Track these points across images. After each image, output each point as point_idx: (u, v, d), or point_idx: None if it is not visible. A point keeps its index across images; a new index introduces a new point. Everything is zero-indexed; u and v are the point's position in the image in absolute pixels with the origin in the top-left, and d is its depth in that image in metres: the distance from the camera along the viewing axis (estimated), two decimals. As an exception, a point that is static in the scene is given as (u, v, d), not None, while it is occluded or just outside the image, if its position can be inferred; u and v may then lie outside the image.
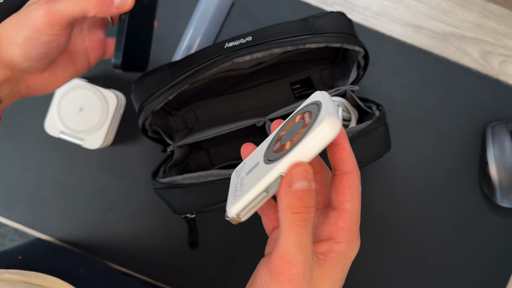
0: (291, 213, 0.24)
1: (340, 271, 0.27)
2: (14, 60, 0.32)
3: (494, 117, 0.51)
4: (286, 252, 0.24)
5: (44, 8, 0.31)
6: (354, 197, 0.27)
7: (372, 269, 0.51)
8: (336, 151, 0.27)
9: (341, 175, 0.27)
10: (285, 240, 0.24)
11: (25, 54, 0.32)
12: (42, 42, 0.32)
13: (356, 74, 0.44)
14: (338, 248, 0.26)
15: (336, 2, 0.51)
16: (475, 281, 0.50)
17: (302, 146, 0.25)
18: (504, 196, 0.48)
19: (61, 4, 0.31)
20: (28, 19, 0.31)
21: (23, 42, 0.31)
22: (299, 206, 0.24)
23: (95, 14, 0.31)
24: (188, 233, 0.45)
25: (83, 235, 0.51)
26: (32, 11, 0.31)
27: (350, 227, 0.27)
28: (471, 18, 0.52)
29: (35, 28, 0.31)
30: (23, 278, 0.35)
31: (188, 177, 0.39)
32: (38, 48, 0.32)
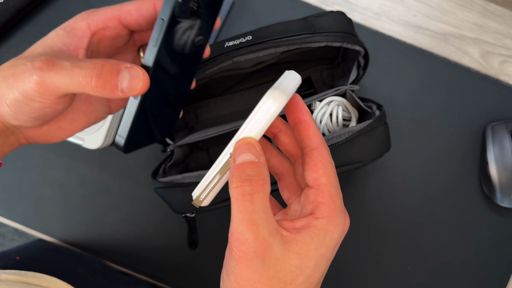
0: (233, 188, 0.24)
1: (315, 248, 0.25)
2: (4, 115, 0.28)
3: (494, 117, 0.51)
4: (234, 230, 0.24)
5: (36, 74, 0.25)
6: (327, 170, 0.26)
7: (372, 269, 0.51)
8: (301, 129, 0.27)
9: (310, 151, 0.26)
10: (232, 217, 0.24)
11: (14, 115, 0.27)
12: (33, 108, 0.27)
13: (356, 74, 0.44)
14: (316, 223, 0.25)
15: (336, 2, 0.51)
16: (475, 281, 0.50)
17: (247, 123, 0.25)
18: (504, 196, 0.48)
19: (55, 76, 0.25)
20: (19, 81, 0.26)
21: (11, 103, 0.27)
22: (240, 180, 0.23)
23: (95, 95, 0.27)
24: (188, 233, 0.45)
25: (83, 235, 0.50)
26: (24, 72, 0.26)
27: (330, 201, 0.26)
28: (471, 18, 0.52)
29: (25, 93, 0.26)
30: (20, 278, 0.35)
31: (188, 176, 0.39)
32: (29, 112, 0.27)
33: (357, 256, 0.51)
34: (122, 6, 0.29)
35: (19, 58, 0.28)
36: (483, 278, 0.50)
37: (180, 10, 0.25)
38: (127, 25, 0.29)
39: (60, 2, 0.51)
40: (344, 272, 0.50)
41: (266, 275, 0.24)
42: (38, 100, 0.26)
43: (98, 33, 0.29)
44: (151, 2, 0.29)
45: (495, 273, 0.50)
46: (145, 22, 0.29)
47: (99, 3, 0.50)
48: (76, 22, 0.29)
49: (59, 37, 0.28)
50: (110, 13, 0.29)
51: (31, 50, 0.28)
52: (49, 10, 0.51)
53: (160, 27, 0.25)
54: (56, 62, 0.26)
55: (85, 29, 0.29)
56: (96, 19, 0.29)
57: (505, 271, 0.50)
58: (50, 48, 0.28)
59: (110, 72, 0.25)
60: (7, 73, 0.27)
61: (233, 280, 0.25)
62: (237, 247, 0.24)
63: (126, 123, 0.28)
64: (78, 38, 0.28)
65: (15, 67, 0.27)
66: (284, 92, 0.25)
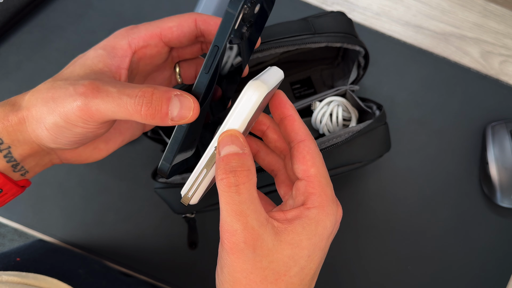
0: (219, 180, 0.24)
1: (307, 238, 0.25)
2: (42, 139, 0.27)
3: (494, 117, 0.51)
4: (223, 222, 0.24)
5: (80, 100, 0.24)
6: (316, 161, 0.26)
7: (372, 269, 0.51)
8: (287, 123, 0.27)
9: (297, 144, 0.26)
10: (220, 210, 0.24)
11: (53, 140, 0.26)
12: (74, 132, 0.26)
13: (356, 74, 0.44)
14: (307, 213, 0.25)
15: (336, 2, 0.51)
16: (475, 281, 0.50)
17: (230, 115, 0.25)
18: (504, 196, 0.48)
19: (101, 103, 0.24)
20: (60, 106, 0.25)
21: (51, 128, 0.26)
22: (225, 172, 0.23)
23: (143, 122, 0.26)
24: (188, 233, 0.45)
25: (83, 235, 0.50)
26: (66, 97, 0.25)
27: (320, 191, 0.25)
28: (471, 18, 0.51)
29: (67, 119, 0.25)
30: (21, 280, 0.35)
31: (188, 176, 0.39)
32: (69, 137, 0.26)
33: (357, 256, 0.51)
34: (163, 22, 0.28)
35: (58, 79, 0.27)
36: (483, 278, 0.50)
37: (234, 36, 0.25)
38: (167, 42, 0.29)
39: (60, 2, 0.51)
40: (344, 272, 0.50)
41: (258, 266, 0.24)
42: (81, 125, 0.25)
43: (139, 52, 0.28)
44: (192, 17, 0.28)
45: (495, 273, 0.50)
46: (186, 39, 0.29)
47: (99, 3, 0.50)
48: (116, 41, 0.28)
49: (99, 57, 0.27)
50: (151, 31, 0.28)
51: (69, 70, 0.27)
52: (49, 10, 0.51)
53: (214, 54, 0.25)
54: (101, 88, 0.24)
55: (126, 48, 0.28)
56: (137, 37, 0.28)
57: (505, 271, 0.50)
58: (91, 69, 0.27)
59: (161, 100, 0.24)
60: (46, 95, 0.26)
61: (227, 273, 0.25)
62: (228, 239, 0.24)
63: (172, 150, 0.27)
64: (119, 58, 0.28)
65: (55, 90, 0.26)
66: (265, 82, 0.25)
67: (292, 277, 0.25)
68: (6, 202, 0.29)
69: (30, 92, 0.27)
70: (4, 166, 0.27)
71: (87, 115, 0.25)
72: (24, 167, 0.28)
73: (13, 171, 0.28)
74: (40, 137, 0.27)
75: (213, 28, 0.28)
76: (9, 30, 0.50)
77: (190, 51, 0.31)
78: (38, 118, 0.26)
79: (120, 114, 0.25)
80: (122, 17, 0.51)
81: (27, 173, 0.29)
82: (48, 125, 0.26)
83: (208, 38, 0.29)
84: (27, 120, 0.26)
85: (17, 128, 0.26)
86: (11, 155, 0.27)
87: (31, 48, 0.50)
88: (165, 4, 0.51)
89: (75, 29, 0.51)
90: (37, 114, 0.26)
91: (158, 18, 0.51)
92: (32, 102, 0.26)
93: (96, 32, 0.51)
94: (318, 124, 0.43)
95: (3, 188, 0.27)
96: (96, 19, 0.51)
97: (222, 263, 0.25)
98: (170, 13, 0.51)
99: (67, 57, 0.50)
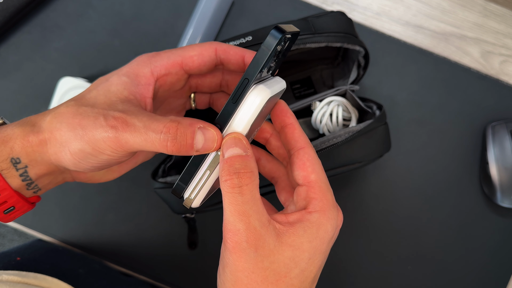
0: (223, 181, 0.25)
1: (308, 240, 0.25)
2: (62, 162, 0.27)
3: (494, 117, 0.51)
4: (226, 222, 0.25)
5: (111, 133, 0.25)
6: (316, 168, 0.27)
7: (372, 269, 0.51)
8: (288, 131, 0.28)
9: (297, 151, 0.27)
10: (224, 210, 0.25)
11: (75, 163, 0.27)
12: (99, 159, 0.27)
13: (356, 73, 0.44)
14: (309, 217, 0.26)
15: (336, 1, 0.51)
16: (475, 281, 0.50)
17: (233, 118, 0.26)
18: (504, 196, 0.48)
19: (130, 137, 0.25)
20: (89, 134, 0.26)
21: (76, 153, 0.26)
22: (229, 173, 0.24)
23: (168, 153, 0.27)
24: (188, 233, 0.45)
25: (83, 235, 0.50)
26: (97, 127, 0.26)
27: (321, 196, 0.26)
28: (472, 18, 0.51)
29: (96, 146, 0.26)
30: (21, 279, 0.35)
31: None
32: (93, 163, 0.27)
33: (357, 256, 0.51)
34: (184, 51, 0.29)
35: (83, 105, 0.27)
36: (483, 278, 0.50)
37: (263, 70, 0.26)
38: (188, 70, 0.30)
39: (60, 2, 0.51)
40: (344, 272, 0.50)
41: (260, 266, 0.24)
42: (108, 153, 0.26)
43: (160, 79, 0.29)
44: (213, 47, 0.29)
45: (495, 273, 0.50)
46: (206, 67, 0.30)
47: (99, 3, 0.50)
48: (139, 68, 0.29)
49: (123, 84, 0.28)
50: (173, 59, 0.29)
51: (93, 95, 0.28)
52: (49, 10, 0.51)
53: (244, 87, 0.25)
54: (129, 123, 0.25)
55: (149, 76, 0.29)
56: (159, 65, 0.29)
57: (505, 271, 0.50)
58: (117, 97, 0.27)
59: (185, 135, 0.25)
60: (72, 121, 0.26)
61: (229, 272, 0.25)
62: (230, 238, 0.24)
63: (189, 172, 0.27)
64: (143, 86, 0.28)
65: (82, 117, 0.26)
66: (268, 87, 0.26)
67: (293, 279, 0.25)
68: (15, 218, 0.29)
69: (52, 114, 0.27)
70: (19, 185, 0.27)
71: (117, 146, 0.26)
72: (38, 185, 0.29)
73: (27, 189, 0.28)
74: (61, 160, 0.27)
75: (233, 58, 0.29)
76: (9, 30, 0.50)
77: (208, 83, 0.32)
78: (63, 142, 0.26)
79: (147, 148, 0.26)
80: (122, 17, 0.51)
81: (40, 190, 0.29)
82: (73, 150, 0.26)
83: (227, 66, 0.30)
84: (49, 142, 0.27)
85: (37, 149, 0.27)
86: (27, 174, 0.27)
87: (31, 48, 0.50)
88: (165, 4, 0.51)
89: (75, 29, 0.51)
90: (61, 138, 0.26)
91: (158, 18, 0.51)
92: (55, 125, 0.27)
93: (96, 32, 0.51)
94: (318, 124, 0.43)
95: (15, 206, 0.28)
96: (96, 19, 0.51)
97: (224, 263, 0.26)
98: (172, 13, 0.51)
99: (67, 57, 0.50)
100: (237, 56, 0.29)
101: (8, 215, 0.28)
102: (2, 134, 0.27)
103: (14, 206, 0.28)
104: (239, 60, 0.29)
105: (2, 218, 0.28)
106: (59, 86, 0.46)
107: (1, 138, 0.27)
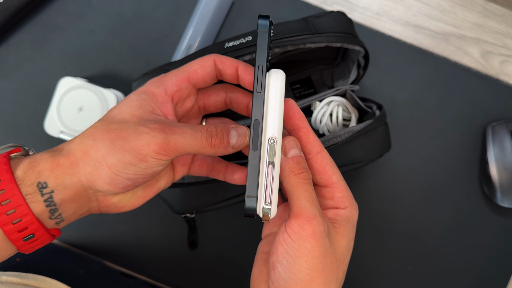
0: (295, 175, 0.27)
1: (351, 230, 0.29)
2: (96, 181, 0.27)
3: (494, 117, 0.51)
4: (302, 208, 0.27)
5: (160, 136, 0.27)
6: (334, 169, 0.30)
7: (372, 269, 0.51)
8: (302, 136, 0.30)
9: (315, 156, 0.29)
10: (297, 199, 0.27)
11: (111, 178, 0.27)
12: (137, 168, 0.27)
13: (356, 74, 0.44)
14: (344, 212, 0.29)
15: (336, 1, 0.51)
16: (475, 281, 0.50)
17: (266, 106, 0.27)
18: (504, 196, 0.48)
19: (180, 138, 0.27)
20: (132, 142, 0.27)
21: (115, 164, 0.27)
22: (299, 168, 0.28)
23: (209, 154, 0.29)
24: (188, 233, 0.45)
25: (83, 235, 0.50)
26: (140, 135, 0.27)
27: (346, 194, 0.30)
28: (472, 18, 0.51)
29: (140, 153, 0.27)
30: (21, 280, 0.35)
31: (188, 176, 0.39)
32: (130, 174, 0.27)
33: (357, 256, 0.50)
34: (188, 67, 0.32)
35: (112, 122, 0.28)
36: (483, 278, 0.50)
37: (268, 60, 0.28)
38: (195, 84, 0.32)
39: (60, 2, 0.51)
40: (344, 272, 0.50)
41: (329, 251, 0.27)
42: (150, 159, 0.27)
43: (174, 96, 0.31)
44: (211, 58, 0.31)
45: (495, 273, 0.50)
46: (209, 78, 0.32)
47: (99, 3, 0.50)
48: (153, 89, 0.31)
49: (144, 100, 0.30)
50: (181, 76, 0.31)
51: (117, 112, 0.29)
52: (49, 10, 0.51)
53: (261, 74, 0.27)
54: (174, 127, 0.28)
55: (164, 95, 0.31)
56: (170, 83, 0.31)
57: (505, 271, 0.50)
58: (143, 109, 0.29)
59: (223, 132, 0.28)
60: (108, 136, 0.27)
61: (304, 262, 0.26)
62: (308, 224, 0.26)
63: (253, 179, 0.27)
64: (161, 103, 0.30)
65: (119, 131, 0.27)
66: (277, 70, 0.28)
67: (346, 265, 0.29)
68: (35, 249, 0.28)
69: (80, 136, 0.28)
70: (42, 211, 0.27)
71: (164, 149, 0.27)
72: (62, 215, 0.28)
73: (49, 218, 0.28)
74: (95, 179, 0.27)
75: (228, 68, 0.31)
76: (9, 30, 0.50)
77: (214, 102, 0.34)
78: (98, 158, 0.27)
79: (194, 147, 0.28)
80: (122, 17, 0.51)
81: (62, 222, 0.29)
82: (111, 162, 0.27)
83: (224, 77, 0.32)
84: (81, 162, 0.27)
85: (67, 171, 0.27)
86: (52, 199, 0.27)
87: (31, 48, 0.50)
88: (165, 4, 0.51)
89: (75, 29, 0.51)
90: (97, 154, 0.27)
91: (158, 18, 0.51)
92: (88, 143, 0.27)
93: (96, 32, 0.51)
94: (318, 124, 0.43)
95: (35, 233, 0.27)
96: (96, 19, 0.51)
97: (293, 254, 0.26)
98: (172, 13, 0.51)
99: (67, 57, 0.50)
100: (231, 67, 0.31)
101: (28, 243, 0.27)
102: (31, 158, 0.27)
103: (34, 233, 0.27)
104: (233, 70, 0.31)
105: (22, 246, 0.27)
106: (59, 86, 0.46)
107: (30, 163, 0.27)
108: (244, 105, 0.33)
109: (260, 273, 0.30)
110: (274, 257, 0.27)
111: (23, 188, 0.26)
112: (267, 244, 0.32)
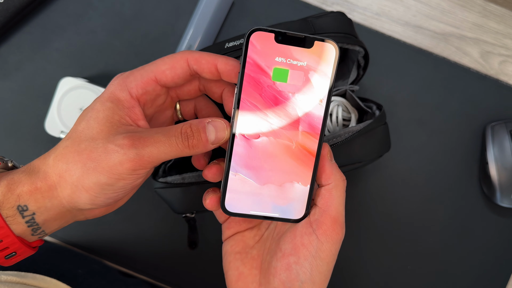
0: (343, 180, 0.29)
1: None
2: (77, 203, 0.27)
3: (494, 117, 0.51)
4: (340, 214, 0.28)
5: (132, 153, 0.25)
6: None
7: (372, 269, 0.51)
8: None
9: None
10: (340, 205, 0.28)
11: (92, 200, 0.27)
12: (115, 187, 0.27)
13: (356, 74, 0.44)
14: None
15: (336, 2, 0.51)
16: (475, 281, 0.50)
17: None
18: (504, 196, 0.48)
19: (154, 149, 0.26)
20: (103, 163, 0.25)
21: (91, 187, 0.26)
22: (341, 174, 0.29)
23: (189, 155, 0.28)
24: (188, 233, 0.45)
25: (83, 235, 0.50)
26: (110, 154, 0.25)
27: None
28: (471, 18, 0.52)
29: (114, 173, 0.26)
30: (20, 280, 0.35)
31: (188, 176, 0.39)
32: (109, 193, 0.27)
33: (357, 256, 0.51)
34: (156, 66, 0.29)
35: (81, 141, 0.27)
36: (483, 278, 0.50)
37: None
38: (164, 85, 0.29)
39: (60, 2, 0.51)
40: (343, 272, 0.50)
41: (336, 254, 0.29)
42: (126, 177, 0.26)
43: (141, 99, 0.29)
44: (184, 58, 0.29)
45: (495, 273, 0.50)
46: (180, 79, 0.29)
47: (99, 3, 0.51)
48: (116, 93, 0.28)
49: (110, 110, 0.28)
50: (146, 77, 0.29)
51: (84, 127, 0.27)
52: (49, 10, 0.51)
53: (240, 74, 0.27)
54: (146, 137, 0.26)
55: (129, 99, 0.28)
56: (135, 85, 0.28)
57: (505, 271, 0.50)
58: (110, 122, 0.27)
59: (198, 131, 0.27)
60: (80, 158, 0.26)
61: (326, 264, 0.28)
62: (342, 230, 0.28)
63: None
64: (128, 109, 0.28)
65: (90, 152, 0.26)
66: None
67: None
68: (16, 262, 0.29)
69: (53, 157, 0.27)
70: (24, 231, 0.27)
71: (138, 164, 0.26)
72: (44, 231, 0.28)
73: (32, 235, 0.28)
74: (76, 201, 0.27)
75: (205, 67, 0.29)
76: (10, 30, 0.50)
77: (187, 91, 0.32)
78: (74, 182, 0.26)
79: (171, 154, 0.26)
80: (123, 17, 0.51)
81: (46, 235, 0.29)
82: (87, 185, 0.26)
83: (202, 76, 0.30)
84: (59, 186, 0.26)
85: (46, 194, 0.26)
86: (33, 220, 0.27)
87: (31, 48, 0.51)
88: (165, 4, 0.51)
89: (75, 29, 0.51)
90: (72, 178, 0.26)
91: (158, 18, 0.51)
92: (62, 167, 0.26)
93: (97, 32, 0.51)
94: (318, 124, 0.43)
95: (17, 251, 0.27)
96: (96, 19, 0.51)
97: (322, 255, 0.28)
98: (172, 13, 0.51)
99: (68, 57, 0.51)
100: (209, 65, 0.28)
101: (9, 260, 0.28)
102: (8, 180, 0.27)
103: (15, 251, 0.27)
104: (212, 68, 0.29)
105: (3, 263, 0.28)
106: (60, 86, 0.46)
107: (8, 185, 0.26)
108: (218, 94, 0.31)
109: (241, 274, 0.30)
110: (292, 258, 0.27)
111: (2, 211, 0.26)
112: (236, 244, 0.31)
